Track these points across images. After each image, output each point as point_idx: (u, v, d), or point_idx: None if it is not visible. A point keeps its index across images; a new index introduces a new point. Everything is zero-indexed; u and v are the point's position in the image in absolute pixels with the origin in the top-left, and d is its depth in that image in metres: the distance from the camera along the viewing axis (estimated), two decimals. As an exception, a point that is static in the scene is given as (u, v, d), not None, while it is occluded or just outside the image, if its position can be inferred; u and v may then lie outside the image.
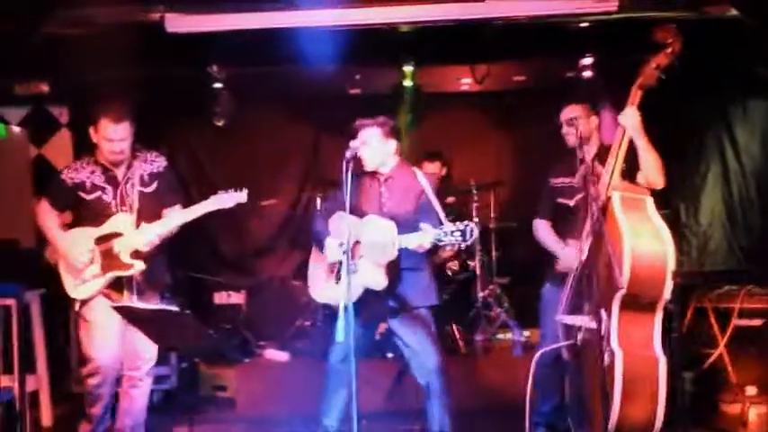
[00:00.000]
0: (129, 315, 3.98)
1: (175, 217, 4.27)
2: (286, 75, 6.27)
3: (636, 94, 3.85)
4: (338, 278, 4.18)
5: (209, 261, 6.73)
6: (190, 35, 5.06)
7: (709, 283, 5.13)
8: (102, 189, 4.25)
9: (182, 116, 6.82)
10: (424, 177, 4.30)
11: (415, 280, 4.25)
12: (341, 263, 4.10)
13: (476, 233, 3.76)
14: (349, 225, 3.65)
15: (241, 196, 4.28)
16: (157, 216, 4.36)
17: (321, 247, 4.26)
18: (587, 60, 6.01)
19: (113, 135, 4.15)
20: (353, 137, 4.18)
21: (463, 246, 3.90)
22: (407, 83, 6.35)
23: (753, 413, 4.91)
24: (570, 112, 4.32)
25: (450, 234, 3.75)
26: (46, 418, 5.39)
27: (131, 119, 4.20)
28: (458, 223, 3.75)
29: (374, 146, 4.23)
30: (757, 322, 4.98)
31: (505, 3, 4.96)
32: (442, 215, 4.17)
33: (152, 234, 4.19)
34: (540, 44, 5.65)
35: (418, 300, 4.25)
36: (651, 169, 3.89)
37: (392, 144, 4.30)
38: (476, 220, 6.05)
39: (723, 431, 4.74)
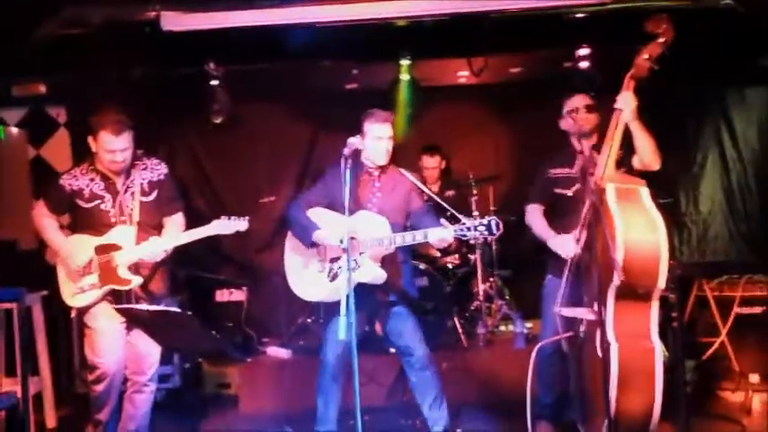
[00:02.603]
0: (131, 317, 3.99)
1: (176, 237, 4.25)
2: (283, 71, 6.26)
3: (629, 84, 3.88)
4: (333, 276, 4.19)
5: (211, 259, 6.72)
6: (186, 33, 5.04)
7: (710, 271, 5.14)
8: (101, 198, 4.21)
9: (179, 115, 6.79)
10: (409, 173, 4.37)
11: (406, 272, 4.37)
12: (335, 260, 4.15)
13: (501, 227, 3.80)
14: (347, 221, 3.65)
15: (242, 224, 4.26)
16: (158, 225, 4.35)
17: (308, 242, 4.24)
18: (584, 51, 6.01)
19: (114, 146, 4.10)
20: (359, 127, 4.20)
21: (490, 239, 3.94)
22: (405, 77, 6.34)
23: (756, 401, 4.93)
24: (576, 101, 4.31)
25: (474, 229, 3.81)
26: (50, 419, 5.42)
27: (131, 128, 4.15)
28: (483, 218, 3.83)
29: (387, 142, 4.26)
30: (758, 310, 5.00)
31: (501, -6, 4.96)
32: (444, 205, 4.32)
33: (150, 251, 4.18)
34: (537, 35, 5.64)
35: (409, 291, 4.36)
36: (646, 151, 3.92)
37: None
38: (475, 213, 6.04)
39: (726, 419, 4.75)
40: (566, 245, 4.11)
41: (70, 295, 4.23)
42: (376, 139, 4.21)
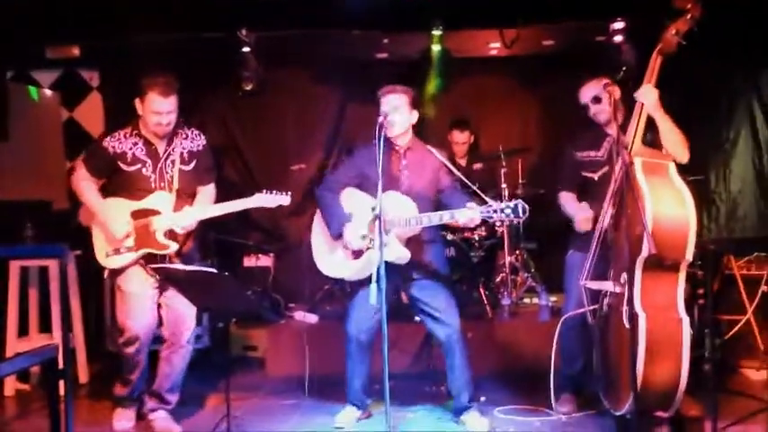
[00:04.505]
0: (167, 276, 4.06)
1: (220, 207, 4.32)
2: (313, 39, 6.26)
3: (656, 61, 3.91)
4: (357, 255, 4.24)
5: (239, 224, 6.78)
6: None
7: (738, 250, 5.13)
8: (143, 163, 4.28)
9: (210, 81, 6.80)
10: (438, 152, 4.38)
11: (434, 251, 4.40)
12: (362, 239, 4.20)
13: (527, 210, 3.80)
14: (378, 196, 3.68)
15: (284, 199, 4.31)
16: (193, 194, 4.42)
17: (335, 233, 4.30)
18: (618, 25, 5.95)
19: (161, 108, 4.17)
20: (377, 105, 4.21)
21: (516, 222, 3.97)
22: (436, 47, 6.32)
23: (780, 379, 4.94)
24: (590, 90, 4.31)
25: (501, 212, 3.83)
26: (82, 375, 5.56)
27: (177, 92, 4.22)
28: (510, 200, 3.85)
29: (402, 112, 4.27)
30: (786, 289, 4.99)
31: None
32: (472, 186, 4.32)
33: (190, 219, 4.26)
34: (570, 8, 5.60)
35: (439, 269, 4.39)
36: (673, 145, 3.93)
37: (414, 115, 4.35)
38: (504, 186, 6.06)
39: (749, 397, 4.76)
40: (581, 223, 4.29)
41: (105, 256, 4.32)
42: (394, 110, 4.22)
